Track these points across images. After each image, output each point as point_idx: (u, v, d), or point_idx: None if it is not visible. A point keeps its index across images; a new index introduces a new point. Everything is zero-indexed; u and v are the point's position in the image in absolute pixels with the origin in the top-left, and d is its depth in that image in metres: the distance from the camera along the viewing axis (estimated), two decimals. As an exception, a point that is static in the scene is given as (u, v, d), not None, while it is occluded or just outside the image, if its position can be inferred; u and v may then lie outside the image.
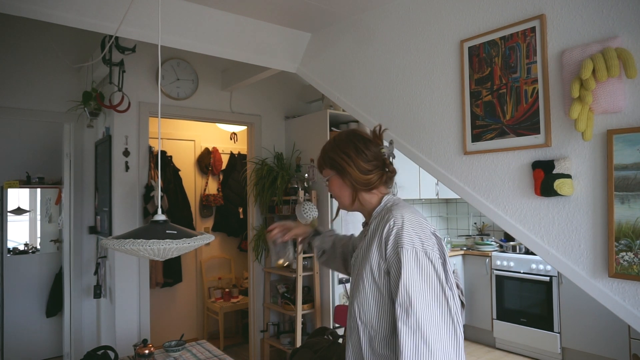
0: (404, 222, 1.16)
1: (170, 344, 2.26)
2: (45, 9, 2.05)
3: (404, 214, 1.19)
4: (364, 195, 1.32)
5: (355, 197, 1.32)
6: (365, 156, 1.29)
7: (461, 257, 4.74)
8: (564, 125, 1.67)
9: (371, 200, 1.32)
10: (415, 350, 1.07)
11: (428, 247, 1.14)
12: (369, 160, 1.30)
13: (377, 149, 1.32)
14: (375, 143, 1.33)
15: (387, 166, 1.33)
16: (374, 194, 1.32)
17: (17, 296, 4.27)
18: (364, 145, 1.31)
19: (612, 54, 1.43)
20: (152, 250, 1.38)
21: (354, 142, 1.32)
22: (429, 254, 1.13)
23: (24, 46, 3.57)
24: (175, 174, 4.64)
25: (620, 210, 1.50)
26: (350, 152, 1.30)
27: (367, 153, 1.30)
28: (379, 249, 1.19)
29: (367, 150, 1.30)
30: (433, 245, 1.16)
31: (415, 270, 1.11)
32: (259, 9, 2.56)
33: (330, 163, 1.34)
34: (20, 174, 4.41)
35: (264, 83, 4.08)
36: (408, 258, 1.12)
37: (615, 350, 3.58)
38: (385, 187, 1.35)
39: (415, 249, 1.13)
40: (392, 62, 2.37)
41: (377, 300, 1.18)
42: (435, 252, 1.15)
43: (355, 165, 1.29)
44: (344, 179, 1.32)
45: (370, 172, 1.29)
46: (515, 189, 1.83)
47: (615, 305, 1.52)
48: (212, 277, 4.93)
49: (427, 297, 1.10)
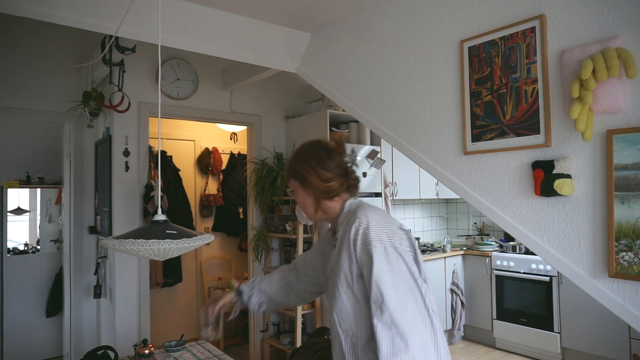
0: (369, 221, 1.18)
1: (170, 344, 2.26)
2: (46, 9, 2.05)
3: (368, 214, 1.21)
4: (326, 204, 1.34)
5: (317, 206, 1.35)
6: (326, 165, 1.31)
7: (461, 257, 4.74)
8: (564, 125, 1.67)
9: (334, 207, 1.34)
10: (392, 346, 1.07)
11: (396, 242, 1.16)
12: (330, 168, 1.31)
13: (339, 158, 1.34)
14: (338, 152, 1.35)
15: (349, 174, 1.35)
16: (336, 201, 1.34)
17: (17, 296, 4.27)
18: (326, 154, 1.33)
19: (612, 54, 1.43)
20: (152, 250, 1.38)
21: (315, 152, 1.34)
22: (397, 248, 1.15)
23: (24, 46, 3.57)
24: (175, 174, 4.64)
25: (620, 210, 1.50)
26: (311, 162, 1.32)
27: (328, 162, 1.32)
28: (349, 254, 1.20)
29: (329, 159, 1.32)
30: (401, 239, 1.18)
31: (386, 266, 1.13)
32: (259, 9, 2.56)
33: (293, 173, 1.36)
34: (20, 174, 4.41)
35: (264, 83, 4.08)
36: (378, 255, 1.13)
37: (615, 350, 3.58)
38: (348, 195, 1.36)
39: (384, 246, 1.14)
40: (392, 62, 2.37)
41: (354, 306, 1.19)
42: (404, 245, 1.17)
43: (316, 173, 1.31)
44: (306, 189, 1.34)
45: (331, 180, 1.30)
46: (515, 189, 1.83)
47: (615, 305, 1.52)
48: (212, 277, 4.93)
49: (399, 291, 1.11)
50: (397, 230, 1.20)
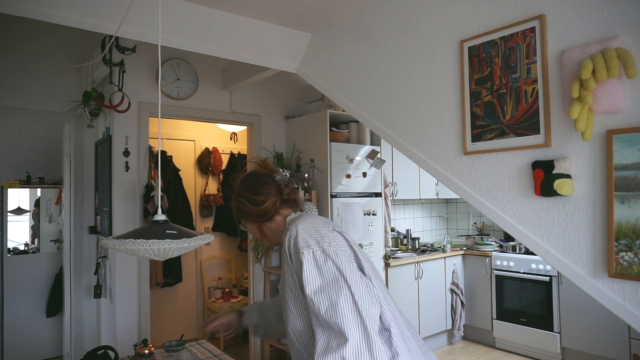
0: (297, 230, 1.23)
1: (170, 344, 2.26)
2: (46, 9, 2.05)
3: (297, 223, 1.26)
4: (268, 226, 1.40)
5: (261, 231, 1.41)
6: (255, 190, 1.37)
7: (461, 257, 4.74)
8: (563, 125, 1.67)
9: (278, 226, 1.39)
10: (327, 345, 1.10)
11: (325, 244, 1.19)
12: (260, 192, 1.37)
13: (269, 179, 1.40)
14: (266, 175, 1.42)
15: (282, 190, 1.40)
16: (276, 221, 1.39)
17: (17, 296, 4.27)
18: (255, 181, 1.40)
19: (612, 54, 1.43)
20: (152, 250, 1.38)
21: (244, 183, 1.41)
22: (326, 250, 1.18)
23: (24, 46, 3.57)
24: (175, 174, 4.64)
25: (620, 210, 1.50)
26: (242, 192, 1.39)
27: (258, 187, 1.38)
28: (288, 266, 1.25)
29: (258, 184, 1.39)
30: (332, 241, 1.21)
31: (315, 270, 1.16)
32: (259, 9, 2.56)
33: (235, 209, 1.43)
34: (20, 174, 4.41)
35: (264, 83, 4.08)
36: (307, 261, 1.17)
37: (615, 350, 3.58)
38: (290, 209, 1.42)
39: (312, 250, 1.18)
40: (392, 62, 2.37)
41: (304, 316, 1.24)
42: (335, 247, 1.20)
43: (248, 201, 1.37)
44: (247, 219, 1.41)
45: (263, 202, 1.36)
46: (515, 189, 1.83)
47: (615, 305, 1.52)
48: (212, 277, 4.93)
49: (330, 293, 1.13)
50: (328, 233, 1.23)
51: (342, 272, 1.15)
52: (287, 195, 1.41)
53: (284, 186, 1.41)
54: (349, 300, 1.12)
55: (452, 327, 4.58)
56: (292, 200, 1.42)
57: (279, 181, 1.41)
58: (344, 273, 1.15)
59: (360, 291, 1.14)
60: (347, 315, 1.10)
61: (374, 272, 1.27)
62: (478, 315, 4.59)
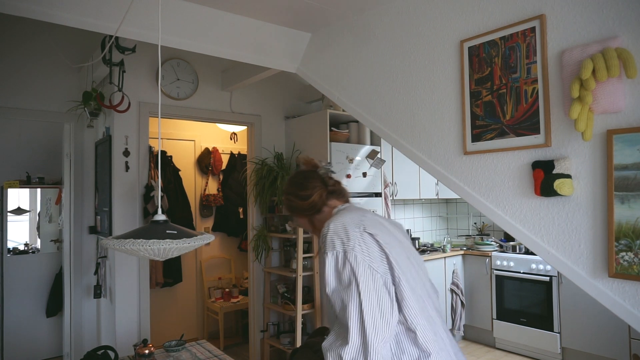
0: (329, 229, 1.27)
1: (170, 344, 2.26)
2: (45, 9, 2.05)
3: (332, 221, 1.29)
4: (318, 218, 1.46)
5: (312, 223, 1.49)
6: (302, 185, 1.46)
7: (461, 257, 4.74)
8: (563, 125, 1.67)
9: (327, 218, 1.41)
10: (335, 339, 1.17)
11: (348, 248, 1.21)
12: (307, 186, 1.45)
13: (314, 173, 1.48)
14: (311, 171, 1.50)
15: (327, 182, 1.47)
16: (325, 212, 1.45)
17: (17, 296, 4.27)
18: (302, 177, 1.49)
19: (612, 54, 1.43)
20: (152, 250, 1.38)
21: (292, 181, 1.51)
22: (347, 254, 1.20)
23: (24, 46, 3.57)
24: (175, 174, 4.64)
25: (620, 210, 1.50)
26: (291, 190, 1.48)
27: (305, 182, 1.46)
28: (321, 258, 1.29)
29: (305, 180, 1.47)
30: (355, 245, 1.21)
31: (333, 272, 1.21)
32: (259, 9, 2.56)
33: (286, 207, 1.52)
34: (20, 174, 4.41)
35: (264, 83, 4.08)
36: (328, 261, 1.23)
37: (615, 350, 3.58)
38: (337, 200, 1.47)
39: (334, 252, 1.22)
40: (392, 62, 2.37)
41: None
42: (357, 251, 1.20)
43: (296, 197, 1.46)
44: (298, 214, 1.49)
45: (310, 196, 1.43)
46: (515, 189, 1.83)
47: (615, 305, 1.52)
48: (212, 277, 4.93)
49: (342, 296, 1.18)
50: (357, 236, 1.23)
51: (357, 279, 1.17)
52: (332, 186, 1.47)
53: (328, 178, 1.48)
54: (356, 307, 1.15)
55: (452, 327, 4.58)
56: (337, 191, 1.48)
57: (323, 174, 1.48)
58: (358, 280, 1.17)
59: (369, 301, 1.16)
60: (352, 321, 1.14)
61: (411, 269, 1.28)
62: (478, 315, 4.59)
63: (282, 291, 3.93)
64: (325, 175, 1.48)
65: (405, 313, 1.20)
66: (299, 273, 3.63)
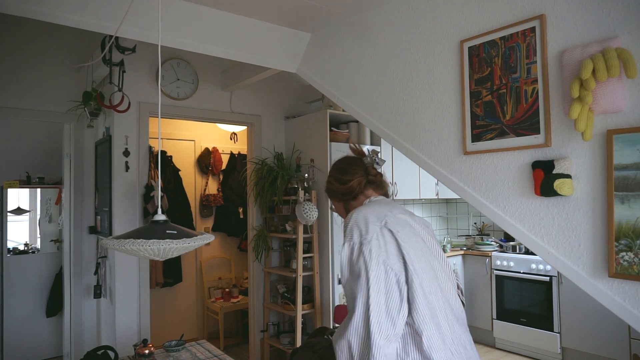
0: (351, 219, 1.31)
1: (170, 344, 2.26)
2: (45, 9, 2.05)
3: (357, 211, 1.33)
4: (352, 204, 1.49)
5: (346, 208, 1.51)
6: (344, 170, 1.50)
7: (461, 257, 4.74)
8: (564, 125, 1.67)
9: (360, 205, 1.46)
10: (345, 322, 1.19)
11: (365, 240, 1.23)
12: (348, 172, 1.49)
13: (359, 161, 1.52)
14: (357, 158, 1.54)
15: (369, 171, 1.50)
16: (359, 200, 1.48)
17: (17, 296, 4.27)
18: (346, 163, 1.53)
19: (612, 54, 1.43)
20: (152, 250, 1.38)
21: (337, 165, 1.55)
22: (363, 247, 1.22)
23: (24, 47, 3.57)
24: (175, 174, 4.63)
25: (620, 210, 1.50)
26: (333, 173, 1.53)
27: (347, 168, 1.50)
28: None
29: (348, 166, 1.51)
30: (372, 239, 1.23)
31: (347, 262, 1.25)
32: (259, 9, 2.56)
33: (326, 190, 1.57)
34: (20, 174, 4.41)
35: (264, 83, 4.08)
36: (344, 251, 1.27)
37: (615, 350, 3.58)
38: (374, 191, 1.50)
39: (351, 243, 1.26)
40: (392, 62, 2.37)
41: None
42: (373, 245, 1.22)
43: (336, 181, 1.50)
44: (335, 197, 1.53)
45: (349, 181, 1.47)
46: (515, 189, 1.83)
47: (615, 305, 1.52)
48: (212, 277, 4.93)
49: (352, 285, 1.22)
50: (376, 230, 1.25)
51: (368, 273, 1.19)
52: (374, 176, 1.50)
53: (371, 168, 1.51)
54: (363, 301, 1.17)
55: (452, 327, 4.58)
56: (377, 182, 1.50)
57: (367, 164, 1.51)
58: (369, 274, 1.19)
59: (377, 296, 1.17)
60: (358, 312, 1.17)
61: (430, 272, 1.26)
62: (478, 315, 4.59)
63: (282, 291, 3.93)
64: (369, 165, 1.51)
65: (413, 315, 1.18)
66: (299, 273, 3.63)
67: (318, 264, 3.76)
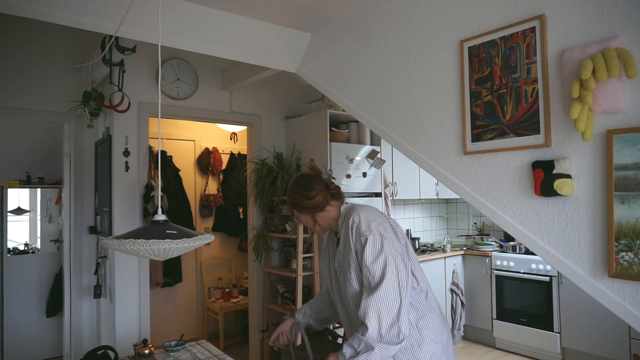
0: (359, 218, 1.58)
1: (170, 344, 2.26)
2: (46, 9, 2.05)
3: (359, 212, 1.61)
4: (320, 215, 1.71)
5: (314, 220, 1.73)
6: (308, 187, 1.70)
7: (461, 257, 4.74)
8: (564, 125, 1.67)
9: (331, 215, 1.71)
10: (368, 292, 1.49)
11: (380, 229, 1.56)
12: (312, 188, 1.70)
13: (317, 178, 1.73)
14: (315, 175, 1.75)
15: (329, 186, 1.73)
16: (328, 210, 1.71)
17: (17, 296, 4.27)
18: (306, 180, 1.74)
19: (612, 54, 1.43)
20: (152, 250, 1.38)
21: (298, 182, 1.75)
22: (381, 233, 1.55)
23: (24, 47, 3.57)
24: (175, 174, 4.63)
25: (620, 210, 1.50)
26: (297, 190, 1.72)
27: (309, 184, 1.71)
28: (350, 245, 1.58)
29: (309, 183, 1.71)
30: (386, 227, 1.59)
31: (372, 249, 1.52)
32: (259, 9, 2.56)
33: (291, 204, 1.76)
34: (20, 174, 4.41)
35: (264, 83, 4.08)
36: (368, 241, 1.53)
37: (615, 350, 3.58)
38: (337, 201, 1.73)
39: (373, 234, 1.54)
40: (392, 62, 2.37)
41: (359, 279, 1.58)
42: (387, 230, 1.58)
43: (302, 196, 1.70)
44: (302, 211, 1.73)
45: (315, 197, 1.68)
46: (515, 189, 1.83)
47: (615, 305, 1.52)
48: (212, 277, 4.93)
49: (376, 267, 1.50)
50: (383, 221, 1.60)
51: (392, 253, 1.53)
52: (334, 190, 1.74)
53: (330, 182, 1.74)
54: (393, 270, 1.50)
55: (452, 327, 4.58)
56: (337, 194, 1.75)
57: (326, 179, 1.73)
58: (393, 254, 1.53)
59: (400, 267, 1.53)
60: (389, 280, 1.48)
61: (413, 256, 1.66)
62: (478, 315, 4.59)
63: (282, 291, 3.93)
64: (327, 180, 1.73)
65: (418, 279, 1.63)
66: (299, 273, 3.63)
67: (318, 264, 3.76)
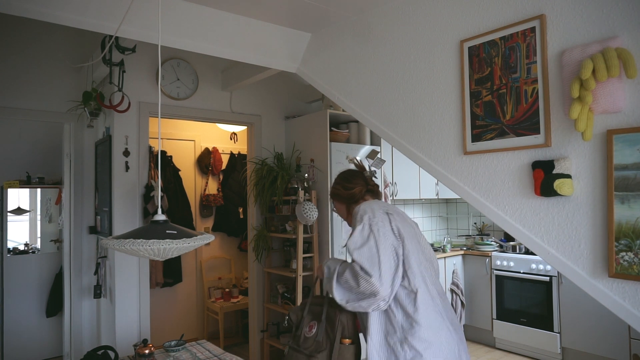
0: (361, 208, 1.75)
1: (170, 344, 2.26)
2: (46, 9, 2.05)
3: (365, 204, 1.77)
4: (353, 206, 1.86)
5: (348, 209, 1.91)
6: (348, 180, 1.92)
7: (461, 257, 4.74)
8: (564, 125, 1.67)
9: None
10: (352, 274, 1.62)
11: (373, 222, 1.67)
12: (351, 181, 1.91)
13: (360, 174, 1.95)
14: (358, 171, 1.97)
15: (368, 182, 1.93)
16: (359, 204, 1.82)
17: (17, 296, 4.27)
18: (349, 174, 1.96)
19: (612, 54, 1.43)
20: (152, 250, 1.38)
21: (342, 175, 1.97)
22: (372, 226, 1.66)
23: (24, 47, 3.57)
24: (175, 174, 4.63)
25: (620, 210, 1.50)
26: (339, 181, 1.95)
27: (351, 178, 1.93)
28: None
29: (351, 176, 1.93)
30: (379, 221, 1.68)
31: (359, 236, 1.65)
32: (259, 9, 2.56)
33: (331, 194, 1.99)
34: (20, 174, 4.41)
35: (264, 83, 4.08)
36: (357, 229, 1.67)
37: (615, 350, 3.58)
38: (371, 197, 1.90)
39: (362, 223, 1.67)
40: (392, 62, 2.37)
41: None
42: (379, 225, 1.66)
43: (342, 187, 1.92)
44: (339, 200, 1.94)
45: (352, 188, 1.89)
46: (515, 189, 1.83)
47: (615, 305, 1.52)
48: (212, 277, 4.93)
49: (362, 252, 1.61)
50: (380, 215, 1.70)
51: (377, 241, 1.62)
52: (372, 186, 1.93)
53: (370, 179, 1.94)
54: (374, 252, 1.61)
55: (452, 327, 4.58)
56: (375, 191, 1.94)
57: (367, 176, 1.94)
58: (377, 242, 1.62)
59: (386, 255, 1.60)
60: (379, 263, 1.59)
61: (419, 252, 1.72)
62: (478, 315, 4.59)
63: (282, 291, 3.93)
64: (368, 177, 1.94)
65: (409, 276, 1.64)
66: (299, 273, 3.63)
67: (318, 264, 3.76)
